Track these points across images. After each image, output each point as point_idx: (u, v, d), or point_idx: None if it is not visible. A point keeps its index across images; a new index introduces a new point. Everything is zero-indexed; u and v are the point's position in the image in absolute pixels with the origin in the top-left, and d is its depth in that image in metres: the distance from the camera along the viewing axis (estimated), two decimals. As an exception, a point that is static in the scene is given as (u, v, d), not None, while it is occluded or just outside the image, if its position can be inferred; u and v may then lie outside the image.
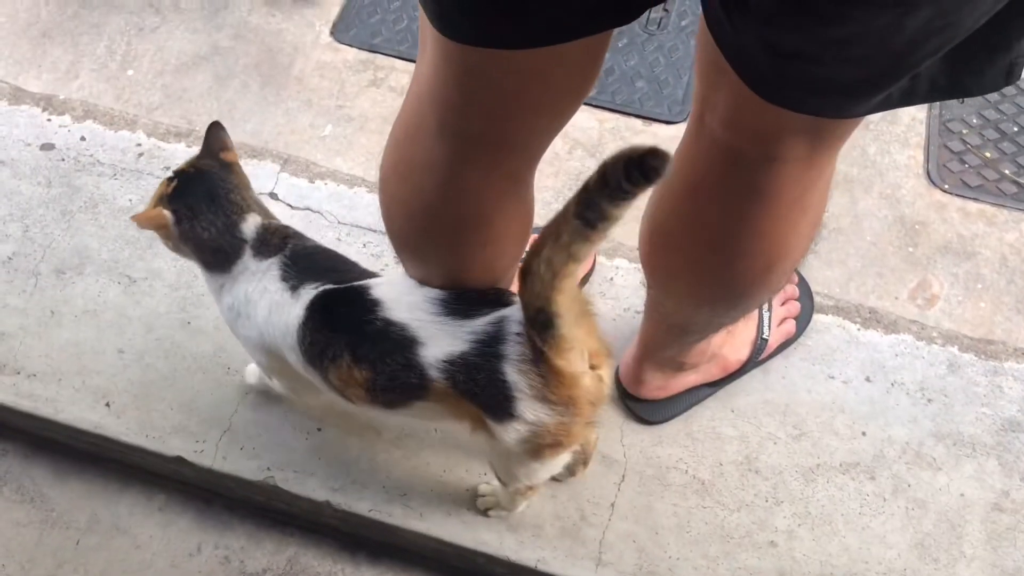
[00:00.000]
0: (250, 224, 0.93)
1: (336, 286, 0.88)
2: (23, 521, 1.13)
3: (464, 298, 0.84)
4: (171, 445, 1.10)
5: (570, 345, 0.78)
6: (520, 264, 0.75)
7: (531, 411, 0.81)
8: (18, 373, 1.16)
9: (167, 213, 0.92)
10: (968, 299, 1.29)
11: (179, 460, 1.09)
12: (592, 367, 0.83)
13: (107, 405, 1.13)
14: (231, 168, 0.96)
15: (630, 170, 0.62)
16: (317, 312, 0.87)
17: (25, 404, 1.13)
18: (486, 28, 0.63)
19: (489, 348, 0.80)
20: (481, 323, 0.82)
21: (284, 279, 0.90)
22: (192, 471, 1.10)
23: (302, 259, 0.92)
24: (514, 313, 0.81)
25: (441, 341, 0.82)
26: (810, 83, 0.61)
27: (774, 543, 1.07)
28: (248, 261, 0.92)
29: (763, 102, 0.63)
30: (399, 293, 0.86)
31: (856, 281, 1.30)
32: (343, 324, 0.86)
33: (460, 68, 0.68)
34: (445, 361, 0.81)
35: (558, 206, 1.34)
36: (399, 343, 0.83)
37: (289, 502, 1.09)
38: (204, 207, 0.92)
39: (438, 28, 0.65)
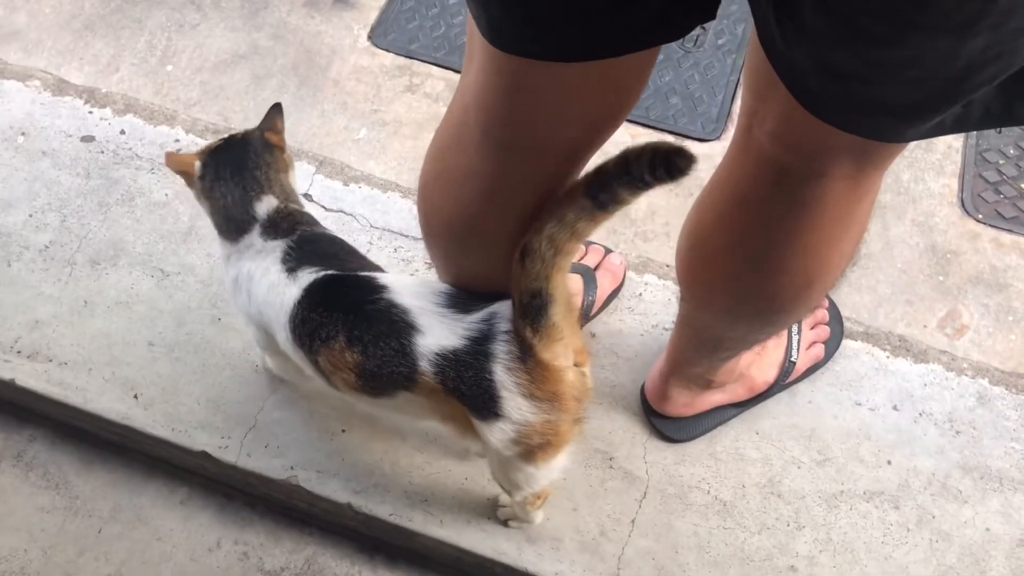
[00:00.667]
0: (264, 204, 0.95)
1: (342, 273, 0.90)
2: (47, 507, 1.14)
3: (464, 291, 0.85)
4: (196, 439, 1.11)
5: (559, 335, 0.79)
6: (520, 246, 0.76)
7: (517, 410, 0.81)
8: (50, 361, 1.17)
9: (197, 163, 0.96)
10: (998, 331, 1.27)
11: (204, 455, 1.10)
12: (575, 364, 0.83)
13: (135, 397, 1.15)
14: (271, 149, 0.98)
15: (655, 165, 0.65)
16: (317, 294, 0.88)
17: (55, 391, 1.14)
18: (536, 40, 0.63)
19: (479, 346, 0.81)
20: (475, 319, 0.83)
21: (285, 261, 0.92)
22: (216, 466, 1.11)
23: (308, 244, 0.94)
24: (503, 309, 0.82)
25: (438, 332, 0.82)
26: (861, 104, 0.61)
27: (794, 568, 1.06)
28: (255, 238, 0.94)
29: (812, 118, 0.63)
30: (407, 282, 0.88)
31: (885, 308, 1.29)
32: (343, 304, 0.87)
33: (508, 79, 0.68)
34: (438, 354, 0.82)
35: (588, 219, 1.37)
36: (397, 327, 0.83)
37: (310, 502, 1.10)
38: (228, 174, 0.95)
39: (488, 38, 0.65)
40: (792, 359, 1.15)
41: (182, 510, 1.15)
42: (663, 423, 1.13)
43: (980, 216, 1.39)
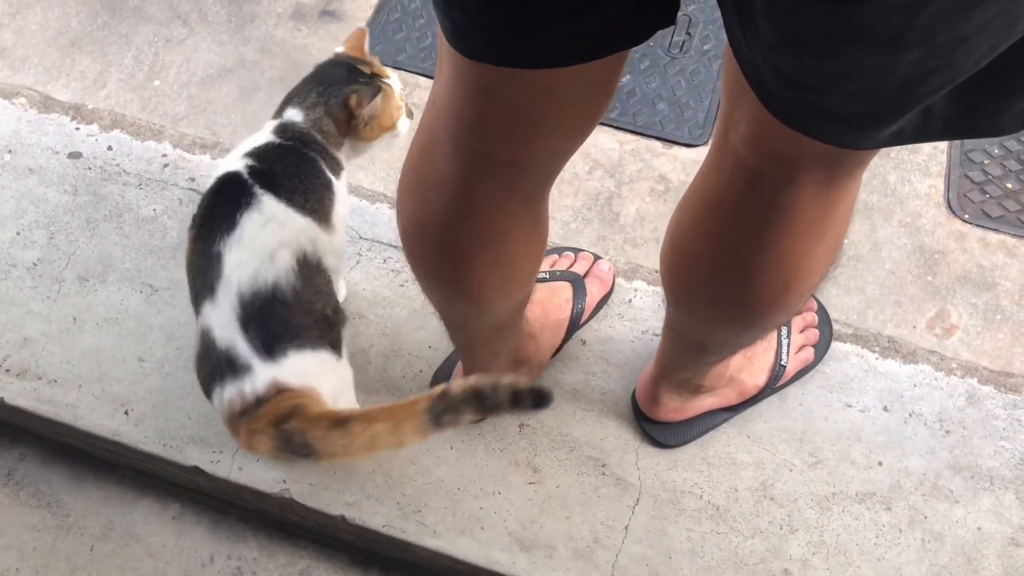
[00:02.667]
0: (288, 112, 1.07)
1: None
2: (39, 525, 1.14)
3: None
4: (188, 455, 1.11)
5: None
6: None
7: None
8: (39, 378, 1.17)
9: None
10: (987, 330, 1.28)
11: (195, 470, 1.10)
12: None
13: (126, 413, 1.14)
14: (353, 73, 1.10)
15: (520, 399, 0.73)
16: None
17: (45, 409, 1.14)
18: (501, 47, 0.64)
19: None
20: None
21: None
22: (208, 481, 1.11)
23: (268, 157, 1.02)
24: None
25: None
26: (816, 111, 0.62)
27: (788, 571, 1.06)
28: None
29: (779, 123, 0.64)
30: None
31: (874, 309, 1.30)
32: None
33: (475, 86, 0.68)
34: None
35: (577, 226, 1.38)
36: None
37: (303, 515, 1.10)
38: (321, 78, 1.10)
39: (453, 45, 0.66)
40: (782, 363, 1.15)
41: (175, 526, 1.14)
42: (654, 428, 1.13)
43: (967, 216, 1.40)
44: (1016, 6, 0.50)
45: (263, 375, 0.88)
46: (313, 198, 1.00)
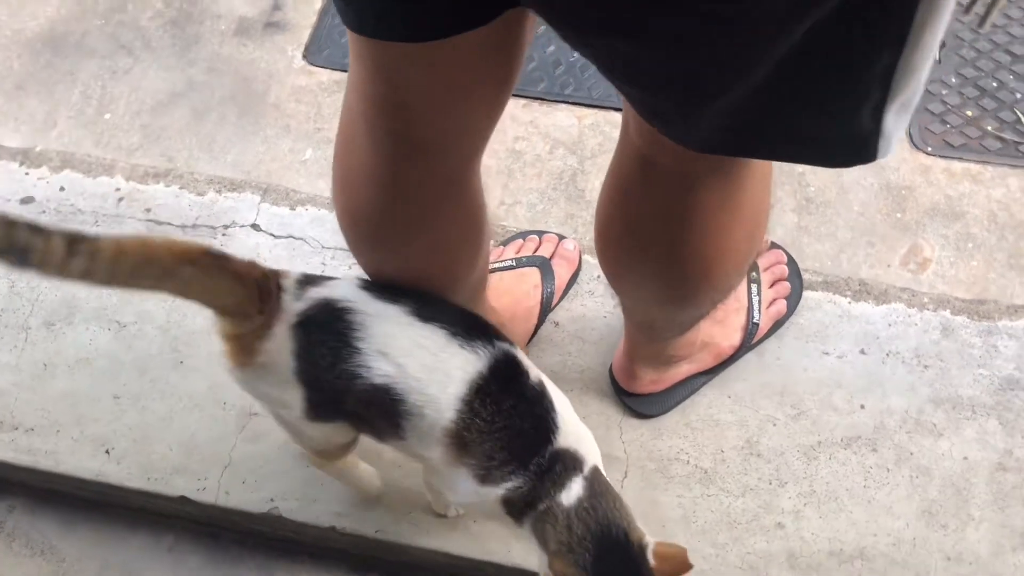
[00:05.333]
0: None
1: None
2: (35, 575, 1.14)
3: None
4: (174, 485, 1.11)
5: None
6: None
7: None
8: (16, 428, 1.17)
9: None
10: (960, 260, 1.28)
11: (183, 500, 1.10)
12: None
13: (107, 452, 1.14)
14: None
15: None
16: None
17: (25, 459, 1.13)
18: (382, 20, 0.63)
19: None
20: None
21: None
22: (197, 509, 1.11)
23: None
24: None
25: None
26: (639, 105, 0.64)
27: (781, 525, 1.07)
28: None
29: None
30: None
31: (847, 253, 1.29)
32: None
33: (372, 65, 0.68)
34: None
35: (543, 207, 1.38)
36: None
37: (296, 530, 1.10)
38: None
39: (344, 22, 0.66)
40: (755, 320, 1.15)
41: (170, 557, 1.15)
42: (635, 401, 1.13)
43: (929, 149, 1.40)
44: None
45: None
46: None
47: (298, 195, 1.37)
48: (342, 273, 1.27)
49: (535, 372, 0.83)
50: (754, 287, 1.17)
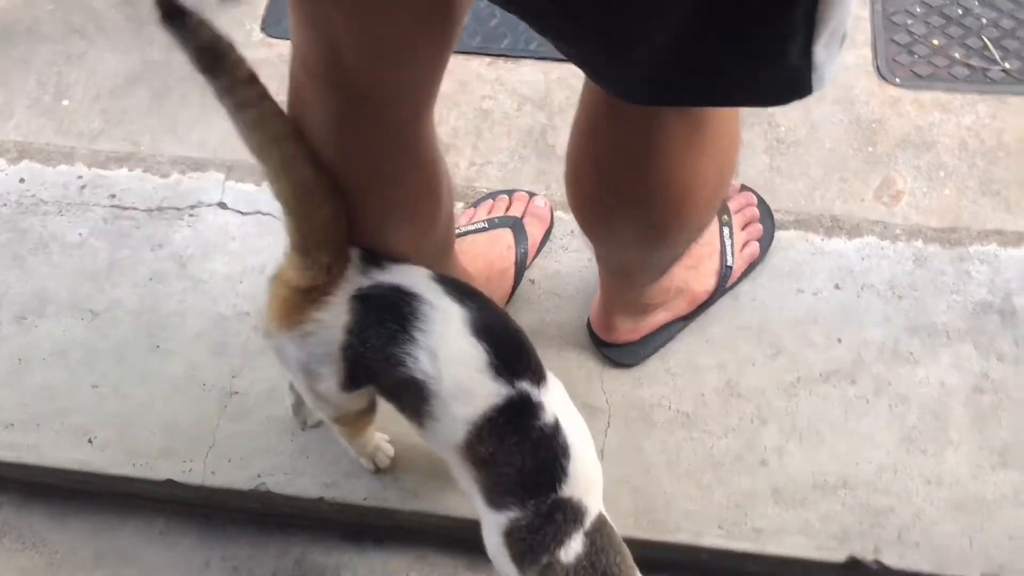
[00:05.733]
0: None
1: None
2: (28, 569, 1.14)
3: None
4: (160, 469, 1.11)
5: None
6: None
7: None
8: (-5, 425, 1.16)
9: None
10: (933, 189, 1.29)
11: (170, 483, 1.10)
12: None
13: (90, 441, 1.14)
14: None
15: None
16: None
17: (8, 455, 1.13)
18: None
19: None
20: None
21: None
22: (185, 491, 1.11)
23: None
24: None
25: None
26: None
27: (765, 462, 1.08)
28: None
29: None
30: None
31: (820, 190, 1.30)
32: None
33: (307, 20, 0.68)
34: None
35: (515, 165, 1.37)
36: None
37: (285, 504, 1.10)
38: None
39: None
40: (728, 264, 1.15)
41: (163, 540, 1.15)
42: (613, 352, 1.14)
43: (898, 80, 1.40)
44: None
45: None
46: None
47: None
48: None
49: (551, 413, 0.81)
50: (726, 230, 1.17)
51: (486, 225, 1.21)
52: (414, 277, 0.81)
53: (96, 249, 1.29)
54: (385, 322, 0.79)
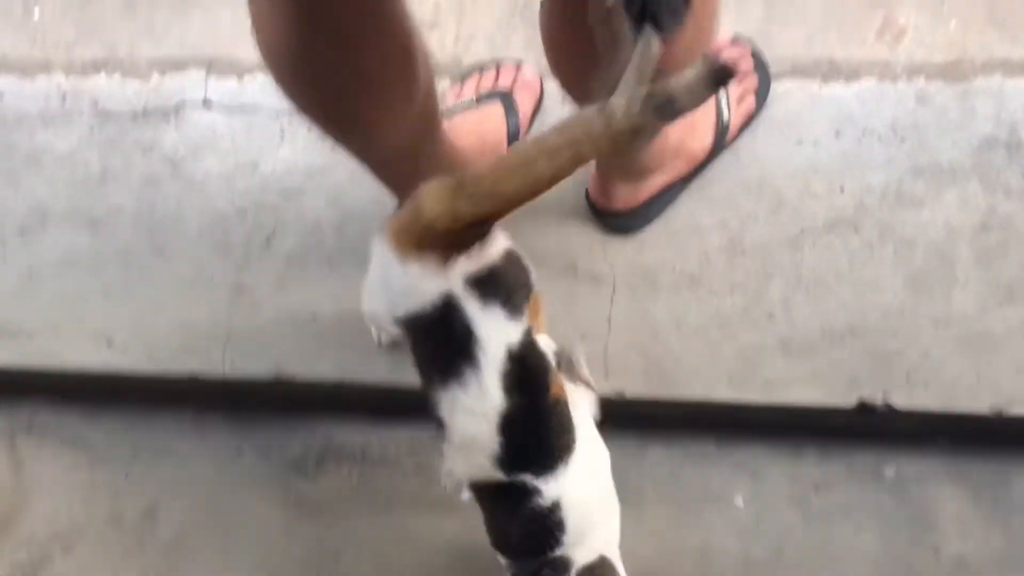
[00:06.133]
0: None
1: None
2: (71, 465, 1.20)
3: None
4: (181, 364, 1.14)
5: None
6: None
7: None
8: (15, 337, 1.19)
9: None
10: (937, 24, 1.23)
11: (193, 378, 1.14)
12: None
13: (109, 345, 1.17)
14: None
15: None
16: None
17: (33, 363, 1.16)
18: None
19: None
20: None
21: None
22: (209, 385, 1.14)
23: None
24: None
25: None
26: None
27: (772, 315, 1.09)
28: None
29: None
30: None
31: (820, 36, 1.24)
32: None
33: None
34: None
35: (503, 35, 1.32)
36: None
37: (307, 389, 1.14)
38: None
39: None
40: (724, 120, 1.13)
41: (195, 432, 1.20)
42: (614, 220, 1.13)
43: (899, -89, 1.31)
44: None
45: None
46: None
47: (243, 64, 1.31)
48: (301, 137, 1.24)
49: (549, 498, 0.80)
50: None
51: (475, 101, 1.18)
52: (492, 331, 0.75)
53: (87, 158, 1.28)
54: (444, 334, 0.74)
